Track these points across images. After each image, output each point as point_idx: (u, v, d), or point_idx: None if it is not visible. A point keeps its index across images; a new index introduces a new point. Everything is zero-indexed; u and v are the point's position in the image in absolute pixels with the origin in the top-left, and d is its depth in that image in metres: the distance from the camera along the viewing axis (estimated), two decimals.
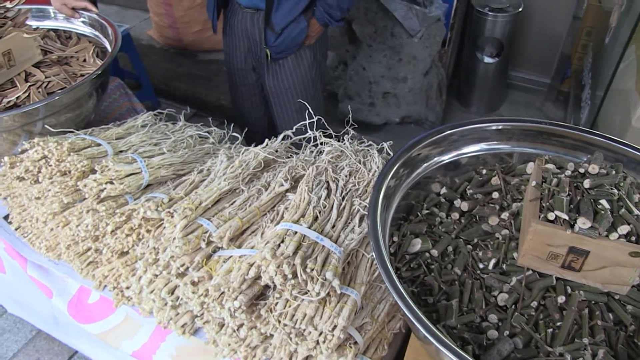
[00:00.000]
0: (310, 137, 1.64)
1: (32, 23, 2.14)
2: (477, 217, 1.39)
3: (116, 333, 1.67)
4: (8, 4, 1.88)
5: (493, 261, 1.25)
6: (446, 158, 1.42)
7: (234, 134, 1.83)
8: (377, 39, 3.33)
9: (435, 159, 1.40)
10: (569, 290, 1.16)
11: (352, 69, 3.53)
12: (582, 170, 1.21)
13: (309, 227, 1.24)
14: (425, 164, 1.39)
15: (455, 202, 1.43)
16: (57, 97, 1.75)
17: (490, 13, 3.41)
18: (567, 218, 1.09)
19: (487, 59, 3.62)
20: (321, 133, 1.63)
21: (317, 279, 1.14)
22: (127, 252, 1.51)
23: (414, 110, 3.55)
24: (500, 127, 1.39)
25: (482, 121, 1.39)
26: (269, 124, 2.78)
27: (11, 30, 1.82)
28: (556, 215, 1.11)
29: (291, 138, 1.66)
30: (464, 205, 1.40)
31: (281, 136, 1.65)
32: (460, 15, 3.55)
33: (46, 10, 2.25)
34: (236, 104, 2.76)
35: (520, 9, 3.44)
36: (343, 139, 1.62)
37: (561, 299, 1.13)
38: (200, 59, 4.61)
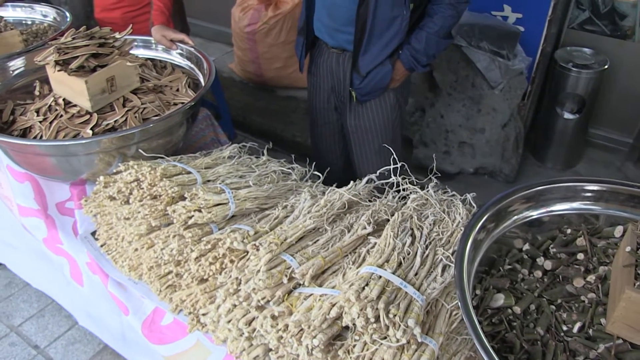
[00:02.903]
0: (392, 182, 1.65)
1: (133, 52, 2.27)
2: (561, 277, 1.36)
3: (185, 357, 1.70)
4: (117, 34, 2.00)
5: (578, 325, 1.21)
6: (535, 214, 1.40)
7: (316, 172, 1.86)
8: (458, 88, 3.34)
9: (523, 214, 1.39)
10: None
11: (430, 116, 3.54)
12: None
13: (393, 273, 1.24)
14: (513, 219, 1.38)
15: (538, 259, 1.41)
16: (151, 125, 1.83)
17: (574, 69, 3.35)
18: None
19: (567, 115, 3.55)
20: (404, 179, 1.64)
21: (399, 325, 1.14)
22: (207, 280, 1.55)
23: (489, 161, 3.52)
24: (595, 188, 1.37)
25: (575, 180, 1.37)
26: (345, 163, 2.80)
27: (117, 59, 1.93)
28: None
29: (374, 182, 1.68)
30: (548, 264, 1.38)
31: (365, 179, 1.68)
32: (542, 69, 3.52)
33: (149, 42, 2.39)
34: (315, 141, 2.81)
35: (605, 66, 3.38)
36: (423, 187, 1.63)
37: None
38: (278, 94, 4.71)
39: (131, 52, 2.08)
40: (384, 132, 2.49)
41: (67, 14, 2.88)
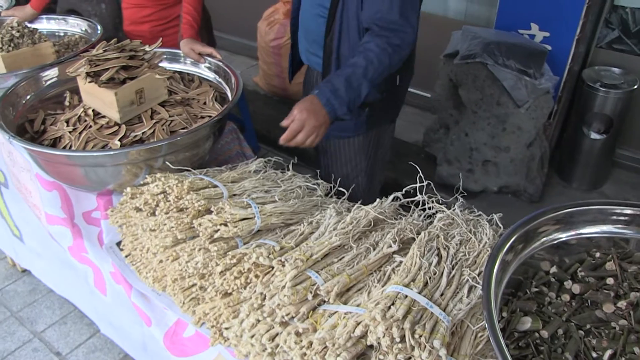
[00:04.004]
0: (417, 200, 1.64)
1: (161, 64, 2.29)
2: (590, 301, 1.33)
3: None
4: (147, 47, 2.03)
5: (609, 352, 1.18)
6: (564, 236, 1.38)
7: (341, 189, 1.86)
8: (483, 107, 3.32)
9: (552, 236, 1.37)
10: None
11: (454, 133, 3.52)
12: None
13: (419, 293, 1.23)
14: (541, 240, 1.36)
15: (565, 283, 1.38)
16: (179, 137, 1.85)
17: (601, 89, 3.31)
18: None
19: (594, 135, 3.51)
20: (429, 198, 1.63)
21: (425, 346, 1.13)
22: (231, 294, 1.55)
23: (513, 180, 3.49)
24: (628, 212, 1.35)
25: (606, 203, 1.36)
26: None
27: (146, 71, 1.96)
28: None
29: (400, 200, 1.68)
30: (576, 288, 1.35)
31: (391, 197, 1.67)
32: (569, 88, 3.49)
33: (177, 55, 2.43)
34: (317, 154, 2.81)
35: (635, 86, 3.33)
36: (449, 205, 1.62)
37: None
38: None
39: (160, 65, 2.10)
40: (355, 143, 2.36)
41: (98, 27, 2.94)
